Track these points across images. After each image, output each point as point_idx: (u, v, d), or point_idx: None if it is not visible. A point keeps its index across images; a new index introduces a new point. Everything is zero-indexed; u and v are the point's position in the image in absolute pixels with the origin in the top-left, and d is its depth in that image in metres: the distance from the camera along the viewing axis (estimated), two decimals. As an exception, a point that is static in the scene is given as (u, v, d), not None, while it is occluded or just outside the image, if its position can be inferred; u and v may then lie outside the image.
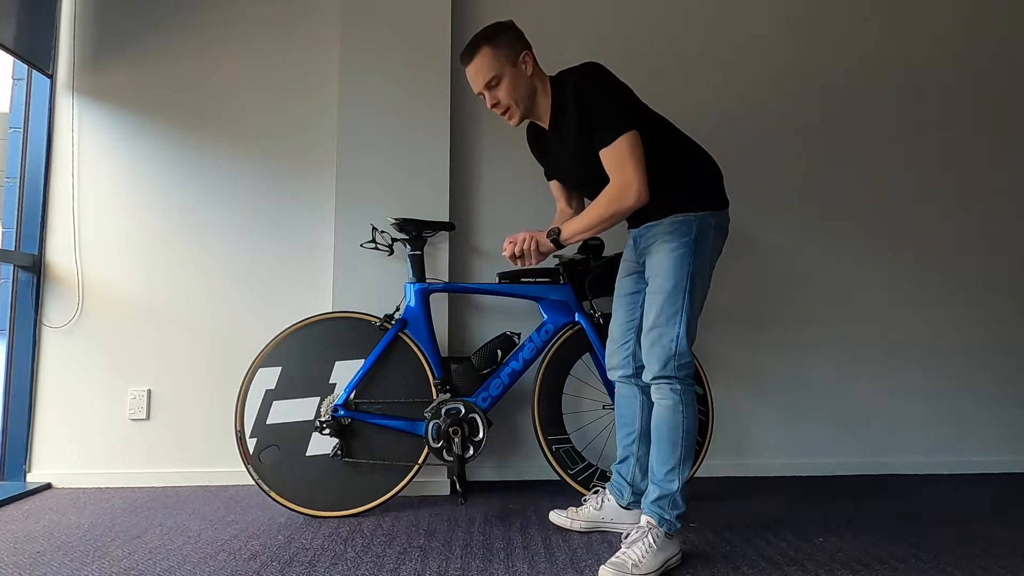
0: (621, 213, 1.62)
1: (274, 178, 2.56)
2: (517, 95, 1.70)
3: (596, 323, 2.21)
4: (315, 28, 2.60)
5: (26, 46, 2.38)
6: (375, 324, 2.18)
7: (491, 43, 1.68)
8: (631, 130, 1.60)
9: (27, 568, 1.63)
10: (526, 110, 1.74)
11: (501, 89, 1.70)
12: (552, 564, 1.67)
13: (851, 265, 2.71)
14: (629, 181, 1.58)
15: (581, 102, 1.63)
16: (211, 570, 1.62)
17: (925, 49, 2.80)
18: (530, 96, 1.72)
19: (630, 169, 1.58)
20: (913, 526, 1.98)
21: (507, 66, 1.69)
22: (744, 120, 2.70)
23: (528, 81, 1.71)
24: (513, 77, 1.69)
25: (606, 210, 1.61)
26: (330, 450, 2.09)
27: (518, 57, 1.70)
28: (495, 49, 1.68)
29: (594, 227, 1.64)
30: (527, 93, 1.71)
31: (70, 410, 2.42)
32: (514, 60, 1.69)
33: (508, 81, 1.69)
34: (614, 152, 1.60)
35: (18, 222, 2.46)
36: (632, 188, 1.58)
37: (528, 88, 1.71)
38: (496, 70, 1.68)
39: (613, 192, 1.60)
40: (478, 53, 1.69)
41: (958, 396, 2.71)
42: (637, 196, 1.59)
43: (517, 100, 1.71)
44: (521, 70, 1.70)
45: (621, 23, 2.69)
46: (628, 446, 1.91)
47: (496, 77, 1.69)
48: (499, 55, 1.68)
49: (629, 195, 1.59)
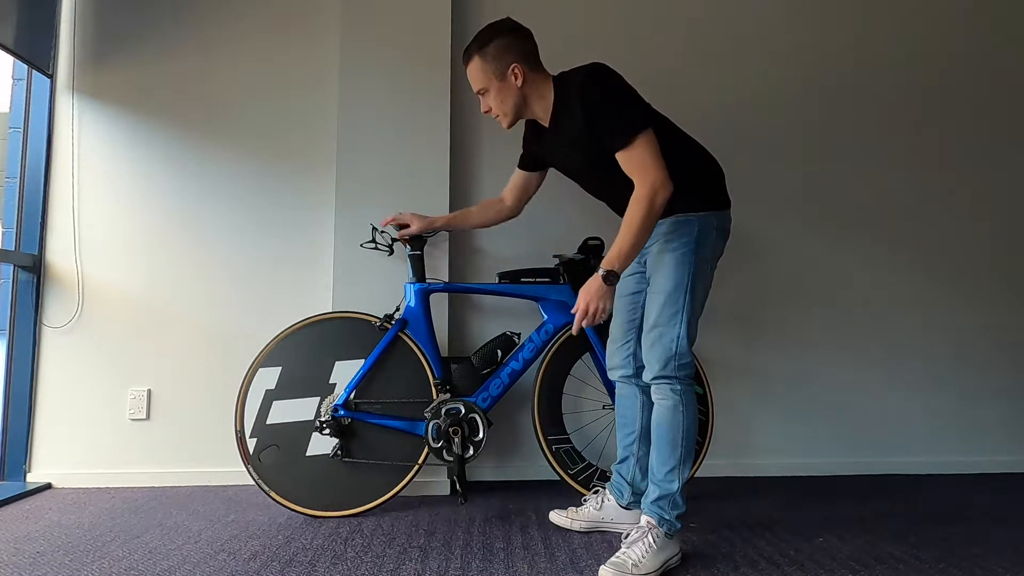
0: (659, 212, 1.60)
1: (274, 178, 2.56)
2: (505, 105, 1.74)
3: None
4: (315, 28, 2.60)
5: (26, 46, 2.38)
6: (375, 324, 2.18)
7: (480, 53, 1.72)
8: (646, 129, 1.60)
9: (27, 568, 1.63)
10: (515, 117, 1.78)
11: (490, 98, 1.76)
12: (552, 564, 1.67)
13: (851, 265, 2.71)
14: (657, 181, 1.57)
15: (588, 103, 1.63)
16: (211, 570, 1.62)
17: (926, 49, 2.80)
18: (518, 106, 1.75)
19: (653, 169, 1.58)
20: (913, 526, 1.98)
21: (493, 80, 1.73)
22: (745, 120, 2.70)
23: (517, 92, 1.73)
24: (499, 90, 1.73)
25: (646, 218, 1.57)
26: (330, 450, 2.09)
27: (506, 71, 1.71)
28: (483, 61, 1.72)
29: (643, 240, 1.60)
30: (515, 103, 1.74)
31: (70, 410, 2.42)
32: (502, 74, 1.71)
33: (495, 93, 1.74)
34: (635, 153, 1.59)
35: (18, 222, 2.46)
36: (661, 184, 1.57)
37: (516, 99, 1.74)
38: (483, 83, 1.74)
39: (646, 197, 1.57)
40: (470, 61, 1.75)
41: (958, 396, 2.71)
42: (668, 188, 1.59)
43: (505, 110, 1.75)
44: (510, 82, 1.72)
45: (621, 21, 2.69)
46: (628, 446, 1.91)
47: (483, 86, 1.75)
48: (486, 69, 1.72)
49: (662, 194, 1.58)
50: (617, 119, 1.61)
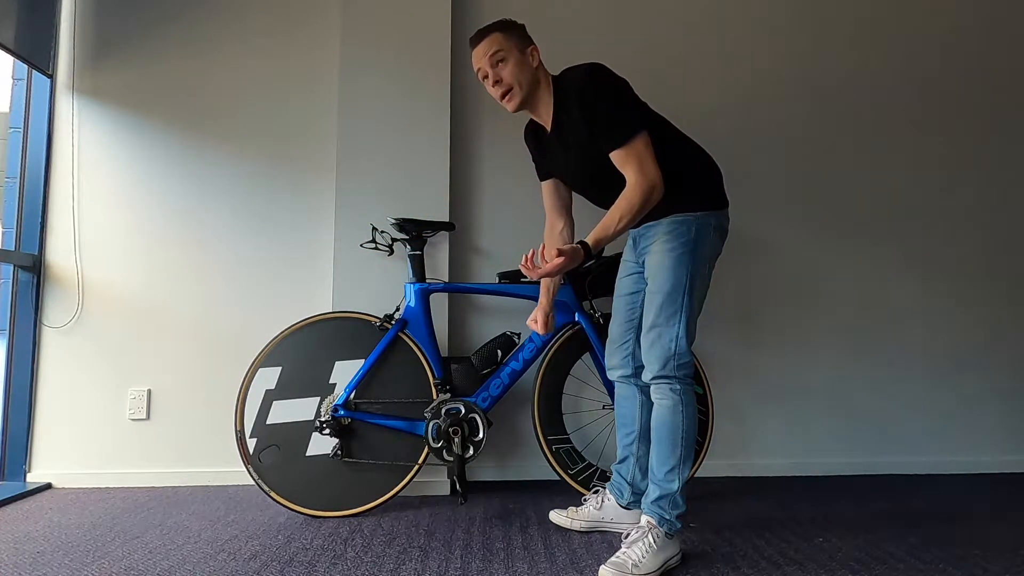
0: (647, 210, 1.61)
1: (274, 178, 2.56)
2: (521, 77, 1.71)
3: (596, 323, 2.21)
4: (315, 28, 2.60)
5: (26, 46, 2.38)
6: (375, 324, 2.18)
7: (503, 29, 1.73)
8: (643, 130, 1.61)
9: (27, 568, 1.63)
10: (527, 95, 1.73)
11: (506, 67, 1.71)
12: (552, 564, 1.67)
13: (851, 265, 2.71)
14: (652, 179, 1.59)
15: (586, 103, 1.63)
16: (211, 570, 1.62)
17: (926, 49, 2.80)
18: (532, 84, 1.73)
19: (650, 168, 1.59)
20: (913, 526, 1.97)
21: (515, 49, 1.72)
22: (745, 120, 2.70)
23: (532, 71, 1.73)
24: (519, 60, 1.72)
25: (638, 210, 1.59)
26: (330, 450, 2.09)
27: (527, 48, 1.74)
28: (506, 33, 1.73)
29: (625, 229, 1.61)
30: (530, 80, 1.73)
31: (70, 410, 2.42)
32: (523, 47, 1.73)
33: (514, 62, 1.71)
34: (631, 152, 1.60)
35: (18, 222, 2.46)
36: (657, 185, 1.59)
37: (531, 76, 1.73)
38: (505, 48, 1.71)
39: (638, 191, 1.58)
40: (488, 35, 1.73)
41: (958, 396, 2.70)
42: (662, 191, 1.60)
43: (520, 82, 1.71)
44: (528, 59, 1.73)
45: (621, 21, 2.69)
46: (628, 446, 1.91)
47: (503, 52, 1.71)
48: (510, 37, 1.72)
49: (655, 193, 1.59)
50: (614, 120, 1.61)
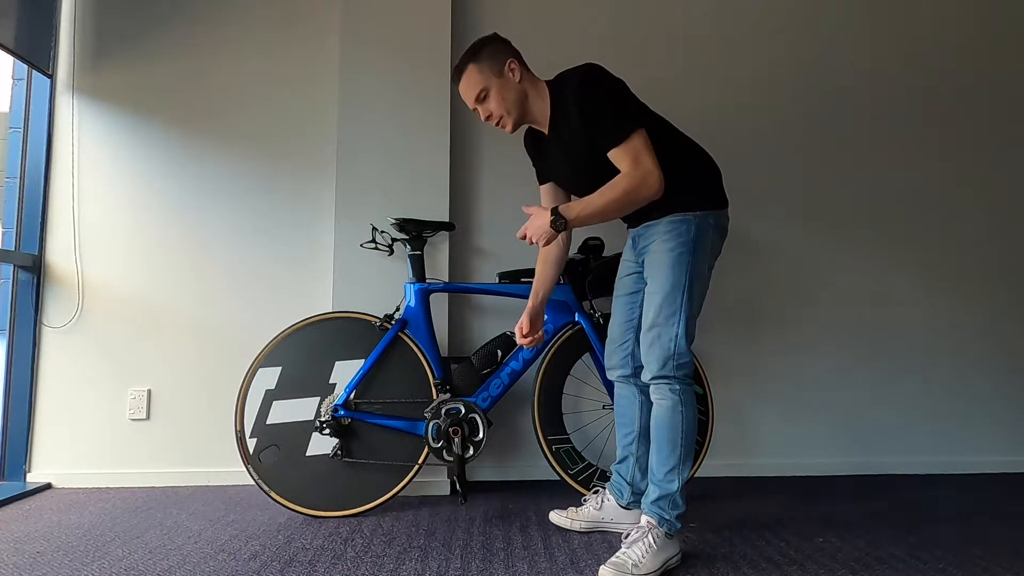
0: (639, 201, 1.60)
1: (274, 178, 2.56)
2: (507, 104, 1.71)
3: (596, 323, 2.21)
4: (315, 29, 2.60)
5: (26, 46, 2.38)
6: (375, 324, 2.18)
7: (475, 59, 1.71)
8: (640, 128, 1.61)
9: (27, 568, 1.63)
10: (519, 117, 1.74)
11: (491, 101, 1.71)
12: (552, 564, 1.67)
13: (851, 265, 2.71)
14: (650, 171, 1.58)
15: (583, 104, 1.63)
16: (211, 570, 1.62)
17: (926, 50, 2.80)
18: (520, 102, 1.73)
19: (647, 160, 1.58)
20: (913, 526, 1.98)
21: (492, 77, 1.70)
22: (744, 120, 2.70)
23: (517, 88, 1.72)
24: (500, 87, 1.70)
25: (624, 194, 1.57)
26: (330, 450, 2.09)
27: (503, 66, 1.71)
28: (479, 64, 1.70)
29: (608, 211, 1.59)
30: (517, 100, 1.72)
31: (70, 410, 2.42)
32: (499, 70, 1.71)
33: (496, 92, 1.70)
34: (628, 148, 1.59)
35: (18, 222, 2.46)
36: (653, 177, 1.57)
37: (517, 95, 1.72)
38: (483, 83, 1.70)
39: (633, 179, 1.57)
40: (464, 72, 1.72)
41: (958, 396, 2.70)
42: (658, 186, 1.58)
43: (508, 109, 1.72)
44: (508, 78, 1.71)
45: (620, 22, 2.69)
46: (627, 446, 1.91)
47: (484, 89, 1.71)
48: (483, 68, 1.70)
49: (651, 183, 1.58)
50: (611, 118, 1.61)
